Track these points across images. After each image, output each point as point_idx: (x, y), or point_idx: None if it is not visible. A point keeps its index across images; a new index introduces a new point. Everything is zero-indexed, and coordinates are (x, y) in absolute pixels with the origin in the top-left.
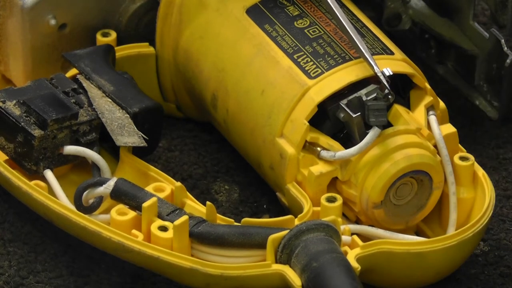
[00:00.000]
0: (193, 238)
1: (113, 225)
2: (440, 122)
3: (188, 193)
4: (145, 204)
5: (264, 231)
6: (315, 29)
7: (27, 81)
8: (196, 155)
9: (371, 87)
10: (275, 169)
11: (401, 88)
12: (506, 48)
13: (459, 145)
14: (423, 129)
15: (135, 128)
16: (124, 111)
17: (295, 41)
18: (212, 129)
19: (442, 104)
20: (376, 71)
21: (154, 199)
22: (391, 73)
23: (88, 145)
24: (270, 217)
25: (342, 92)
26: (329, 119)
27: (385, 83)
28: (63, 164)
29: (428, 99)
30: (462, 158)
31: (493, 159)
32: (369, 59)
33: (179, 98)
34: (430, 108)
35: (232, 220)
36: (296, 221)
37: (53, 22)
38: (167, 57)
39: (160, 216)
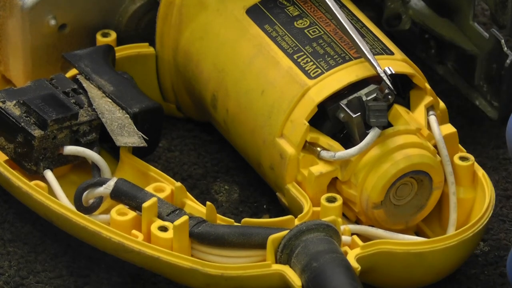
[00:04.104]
0: (193, 238)
1: (113, 225)
2: (440, 122)
3: (188, 193)
4: (145, 204)
5: (264, 231)
6: (315, 29)
7: (27, 81)
8: (196, 155)
9: (371, 87)
10: (275, 169)
11: (401, 88)
12: (506, 48)
13: (459, 145)
14: (423, 129)
15: (135, 128)
16: (124, 111)
17: (295, 41)
18: (212, 129)
19: (442, 104)
20: (378, 70)
21: (154, 199)
22: (393, 72)
23: (88, 145)
24: (270, 217)
25: (342, 92)
26: (329, 119)
27: (388, 82)
28: (63, 164)
29: (428, 99)
30: (462, 158)
31: (493, 159)
32: (371, 58)
33: (179, 98)
34: (430, 108)
35: (232, 220)
36: (296, 221)
37: (53, 22)
38: (167, 57)
39: (160, 216)
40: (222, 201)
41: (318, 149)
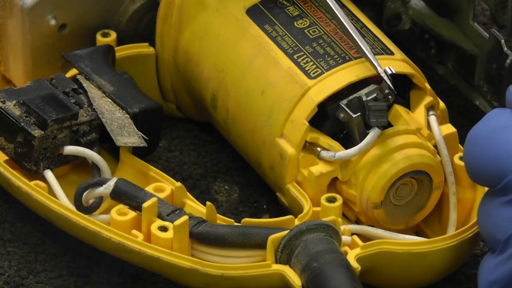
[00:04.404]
0: (193, 238)
1: (113, 225)
2: (440, 122)
3: (188, 193)
4: (145, 204)
5: (264, 231)
6: (315, 29)
7: (27, 81)
8: (196, 155)
9: (371, 87)
10: (275, 169)
11: (401, 88)
12: (506, 48)
13: (459, 145)
14: (423, 129)
15: (135, 128)
16: (124, 111)
17: (295, 41)
18: (212, 129)
19: (442, 104)
20: (378, 70)
21: (154, 199)
22: (394, 71)
23: (88, 145)
24: (270, 217)
25: (342, 92)
26: (329, 119)
27: (388, 82)
28: (63, 164)
29: (428, 99)
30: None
31: None
32: (371, 58)
33: (179, 98)
34: (430, 108)
35: (232, 220)
36: (296, 221)
37: (53, 22)
38: (167, 57)
39: (160, 216)
40: (222, 201)
41: (318, 149)
